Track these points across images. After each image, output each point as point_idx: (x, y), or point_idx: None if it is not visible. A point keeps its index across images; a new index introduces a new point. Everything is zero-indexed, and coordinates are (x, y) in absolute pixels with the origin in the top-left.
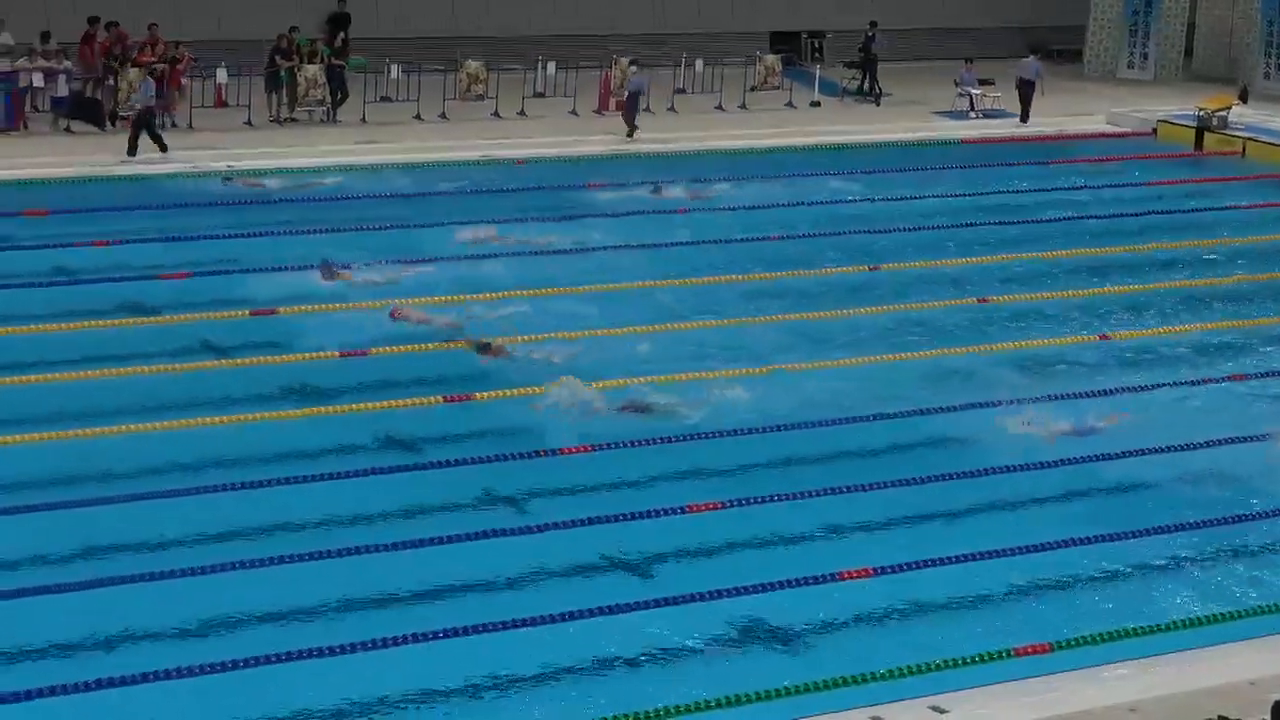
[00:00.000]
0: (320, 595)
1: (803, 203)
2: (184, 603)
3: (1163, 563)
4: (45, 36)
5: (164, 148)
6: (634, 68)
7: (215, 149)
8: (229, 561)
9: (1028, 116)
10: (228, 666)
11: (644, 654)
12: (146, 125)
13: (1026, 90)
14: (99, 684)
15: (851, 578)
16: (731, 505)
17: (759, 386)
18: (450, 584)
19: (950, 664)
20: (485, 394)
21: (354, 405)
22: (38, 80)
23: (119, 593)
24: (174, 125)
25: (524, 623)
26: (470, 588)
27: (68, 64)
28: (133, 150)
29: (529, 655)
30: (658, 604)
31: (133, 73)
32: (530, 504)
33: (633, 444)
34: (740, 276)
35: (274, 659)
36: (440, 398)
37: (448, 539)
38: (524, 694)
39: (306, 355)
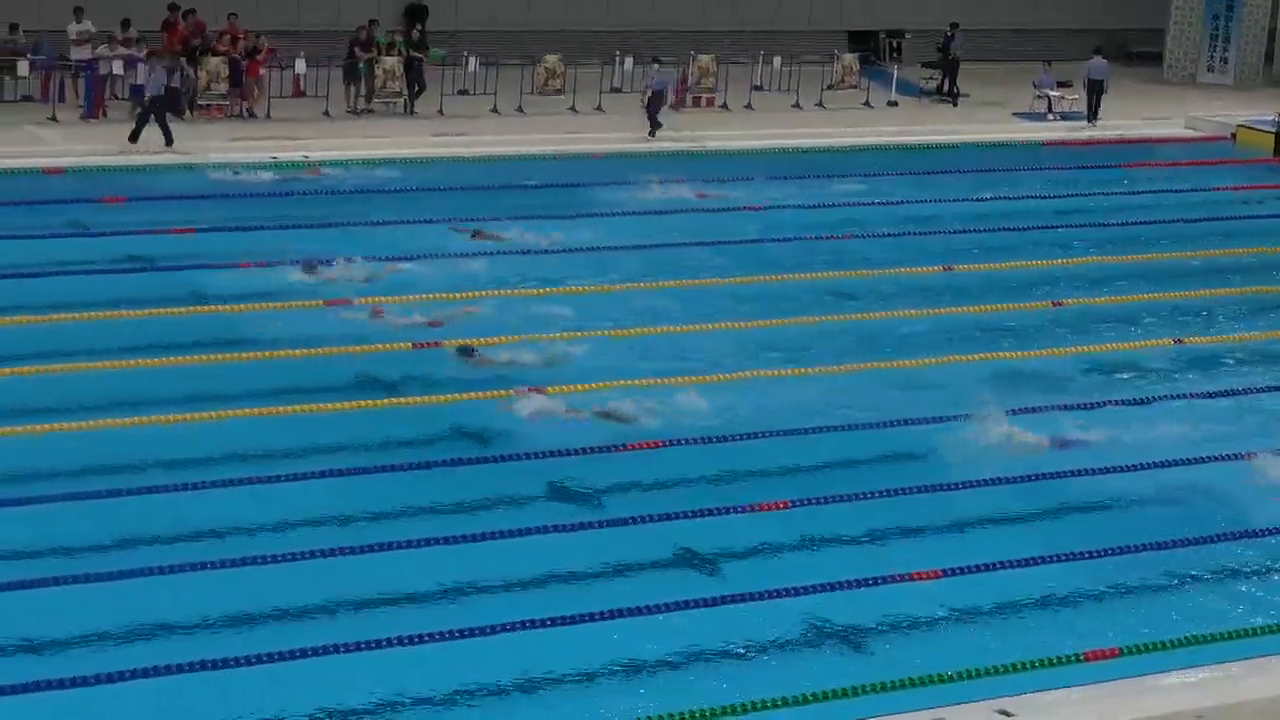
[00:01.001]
0: (398, 587)
1: (878, 202)
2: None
3: (1234, 569)
4: (125, 24)
5: (170, 140)
6: (656, 65)
7: (293, 139)
8: (282, 553)
9: (1097, 114)
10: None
11: (710, 651)
12: (156, 115)
13: (1095, 89)
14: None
15: (920, 579)
16: (800, 504)
17: (831, 386)
18: (519, 578)
19: (1017, 667)
20: (554, 388)
21: (423, 397)
22: (117, 68)
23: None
24: (252, 115)
25: (591, 617)
26: (538, 582)
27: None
28: (167, 139)
29: (595, 650)
30: (725, 601)
31: (212, 62)
32: (600, 499)
33: (702, 441)
34: (813, 275)
35: (339, 649)
36: (510, 391)
37: (516, 533)
38: (589, 689)
39: (381, 346)
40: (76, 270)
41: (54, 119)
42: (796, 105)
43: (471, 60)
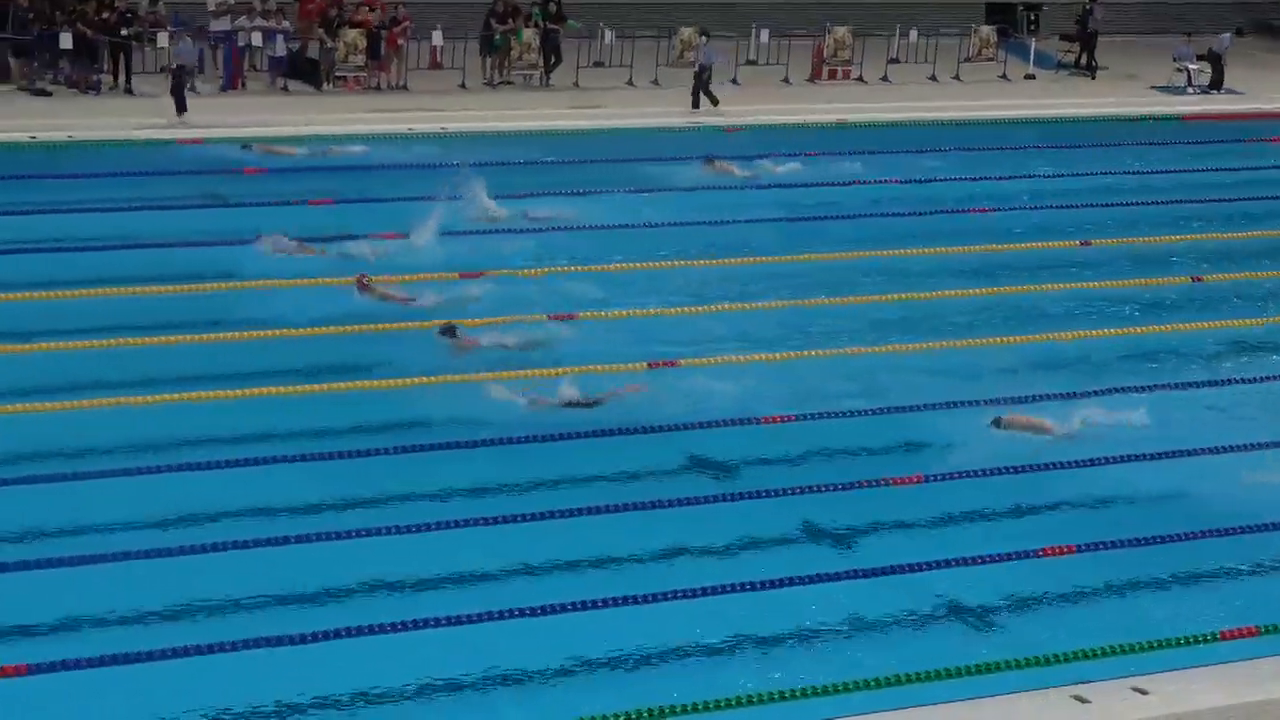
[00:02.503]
0: (542, 555)
1: (1015, 176)
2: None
3: None
4: None
5: (183, 110)
6: (703, 39)
7: (429, 111)
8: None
9: (1219, 85)
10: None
11: (844, 625)
12: (177, 84)
13: (1214, 61)
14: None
15: (1055, 554)
16: (933, 480)
17: (966, 360)
18: (650, 550)
19: (1153, 645)
20: (687, 360)
21: (554, 370)
22: (256, 39)
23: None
24: (390, 87)
25: (722, 590)
26: (674, 553)
27: (286, 24)
28: (182, 109)
29: (730, 622)
30: (858, 575)
31: (351, 33)
32: (734, 472)
33: (835, 415)
34: (948, 249)
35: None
36: (643, 364)
37: (646, 505)
38: (724, 662)
39: (518, 317)
40: (212, 241)
41: (193, 90)
42: (933, 78)
43: (608, 32)
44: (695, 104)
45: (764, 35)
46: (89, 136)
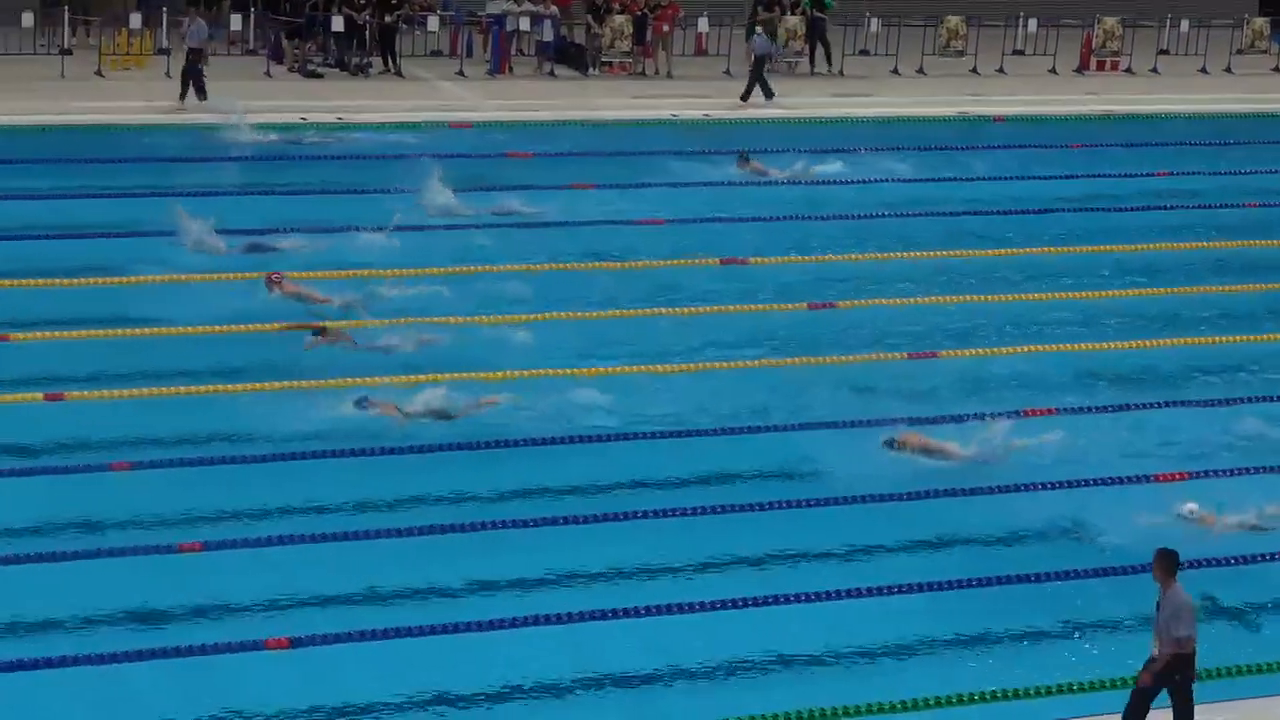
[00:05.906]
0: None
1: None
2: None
3: None
4: None
5: (204, 96)
6: (758, 29)
7: (693, 98)
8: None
9: None
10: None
11: (1085, 624)
12: (190, 67)
13: None
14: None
15: None
16: (1196, 477)
17: (1203, 358)
18: (884, 543)
19: None
20: (947, 352)
21: (817, 358)
22: (524, 25)
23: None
24: (656, 73)
25: (968, 584)
26: (913, 546)
27: (554, 9)
28: (199, 94)
29: (981, 616)
30: (1099, 574)
31: (618, 19)
32: (983, 468)
33: (1092, 410)
34: (1205, 244)
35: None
36: (905, 354)
37: (882, 498)
38: (965, 654)
39: (780, 306)
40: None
41: (461, 74)
42: (1203, 70)
43: (873, 20)
44: (768, 95)
45: (1032, 25)
46: (359, 119)
